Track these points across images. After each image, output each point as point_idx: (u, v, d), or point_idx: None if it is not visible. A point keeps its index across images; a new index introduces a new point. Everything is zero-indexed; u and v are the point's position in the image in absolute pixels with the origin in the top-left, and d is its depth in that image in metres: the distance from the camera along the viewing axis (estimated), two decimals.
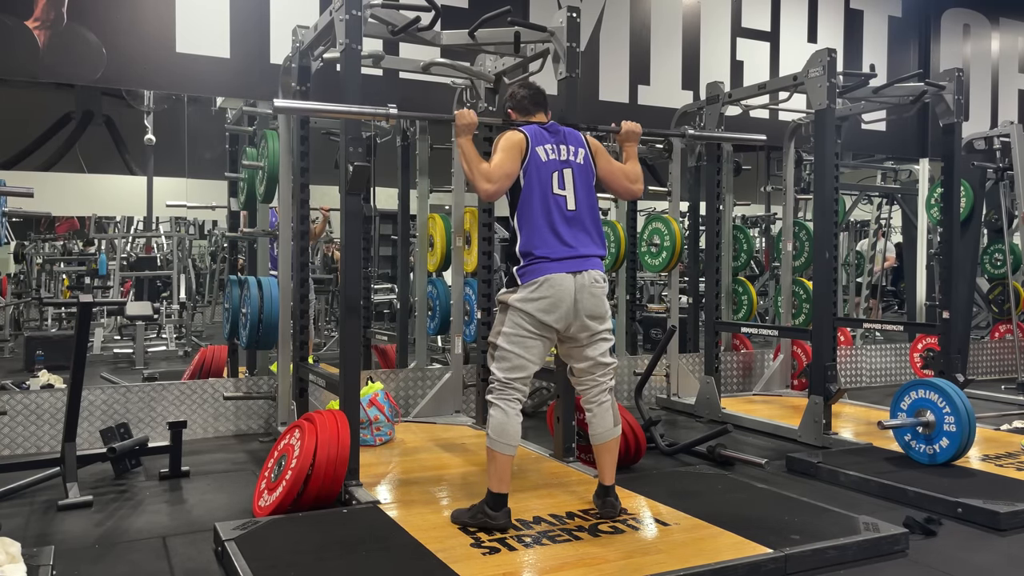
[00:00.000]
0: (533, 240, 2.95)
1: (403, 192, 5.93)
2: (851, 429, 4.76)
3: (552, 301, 2.91)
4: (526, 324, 2.92)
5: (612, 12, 6.17)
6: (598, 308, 3.00)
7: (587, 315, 2.98)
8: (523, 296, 2.93)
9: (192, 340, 7.51)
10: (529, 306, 2.91)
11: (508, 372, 2.94)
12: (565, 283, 2.92)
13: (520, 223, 3.00)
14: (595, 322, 3.01)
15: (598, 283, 3.01)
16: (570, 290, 2.92)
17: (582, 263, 2.97)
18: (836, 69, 4.48)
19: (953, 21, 7.72)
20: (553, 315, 2.92)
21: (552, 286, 2.91)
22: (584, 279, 2.96)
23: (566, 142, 3.11)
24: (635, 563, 2.57)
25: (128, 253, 8.18)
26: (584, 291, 2.95)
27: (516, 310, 2.93)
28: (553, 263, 2.93)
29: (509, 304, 2.95)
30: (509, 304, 2.95)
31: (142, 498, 3.45)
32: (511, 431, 2.90)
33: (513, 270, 2.99)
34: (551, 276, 2.91)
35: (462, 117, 3.07)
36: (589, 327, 3.00)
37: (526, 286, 2.93)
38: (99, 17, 4.56)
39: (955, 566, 2.74)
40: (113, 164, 5.71)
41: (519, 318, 2.93)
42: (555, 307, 2.91)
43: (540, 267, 2.93)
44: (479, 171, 2.97)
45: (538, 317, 2.91)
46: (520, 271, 2.96)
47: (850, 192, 8.32)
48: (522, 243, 2.97)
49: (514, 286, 2.97)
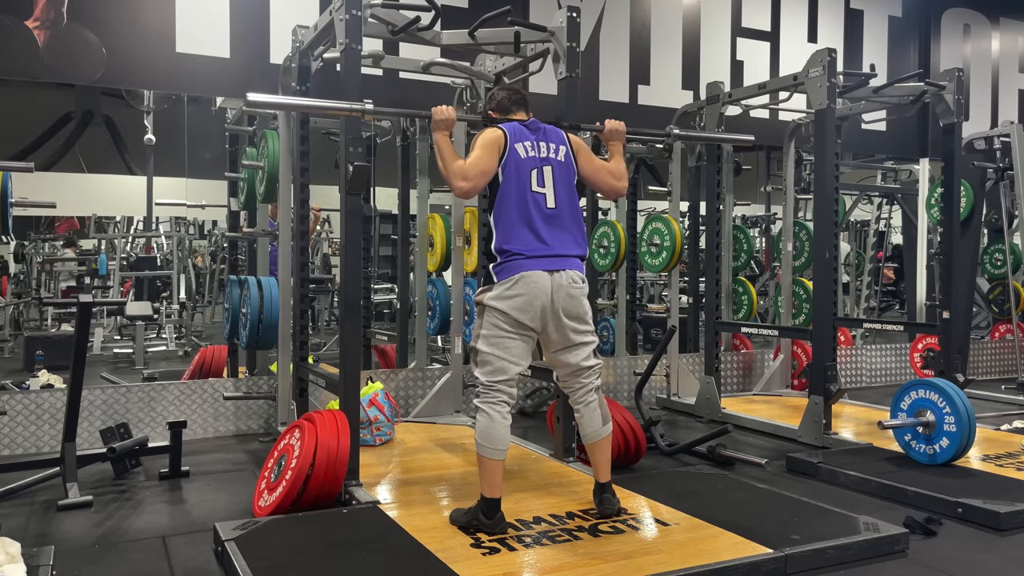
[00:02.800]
0: (509, 237, 2.89)
1: (403, 192, 5.93)
2: (851, 429, 4.76)
3: (527, 299, 2.84)
4: (502, 323, 2.86)
5: (612, 12, 6.17)
6: (576, 308, 2.93)
7: (565, 315, 2.90)
8: (498, 294, 2.87)
9: (192, 340, 7.51)
10: (504, 304, 2.84)
11: (490, 375, 2.87)
12: (541, 281, 2.85)
13: (496, 220, 2.93)
14: (573, 322, 2.93)
15: (576, 283, 2.93)
16: (546, 288, 2.85)
17: (560, 262, 2.90)
18: (836, 69, 4.48)
19: (953, 21, 7.72)
20: (528, 314, 2.85)
21: (528, 283, 2.84)
22: (562, 278, 2.88)
23: (547, 139, 3.04)
24: (635, 563, 2.57)
25: (128, 253, 8.18)
26: (561, 291, 2.88)
27: (492, 309, 2.87)
28: (529, 260, 2.86)
29: (485, 304, 2.89)
30: (485, 304, 2.89)
31: (142, 498, 3.45)
32: (497, 436, 2.83)
33: (489, 267, 2.93)
34: (526, 274, 2.84)
35: (439, 113, 3.02)
36: (567, 327, 2.92)
37: (501, 284, 2.86)
38: (99, 17, 4.56)
39: (955, 566, 2.73)
40: (113, 164, 5.72)
41: (495, 317, 2.86)
42: (530, 305, 2.84)
43: (515, 264, 2.86)
44: (454, 168, 2.91)
45: (513, 316, 2.84)
46: (496, 268, 2.90)
47: (850, 192, 8.33)
48: (497, 240, 2.90)
49: (490, 284, 2.92)
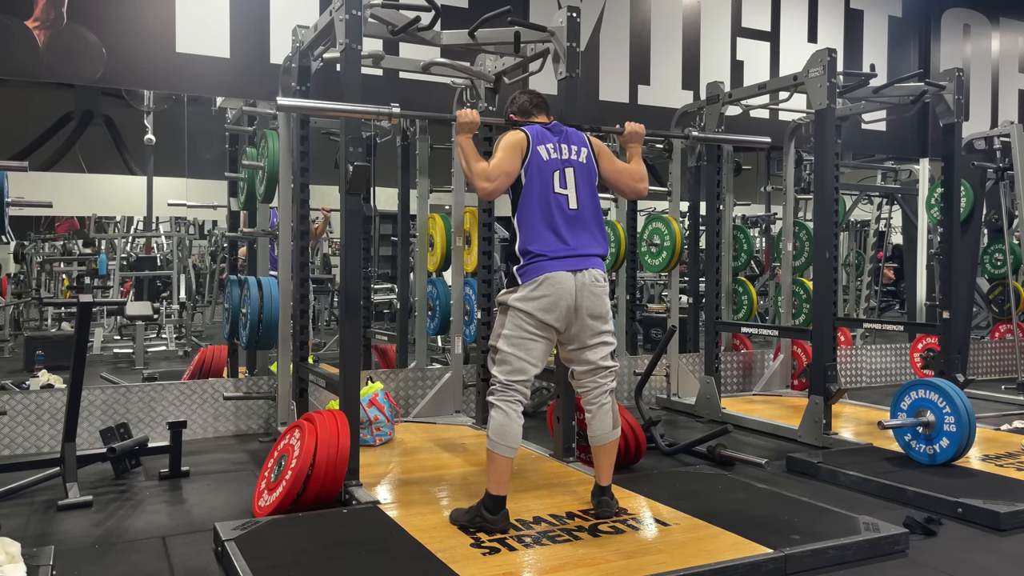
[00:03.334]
0: (532, 239, 2.94)
1: (403, 192, 5.93)
2: (851, 429, 4.76)
3: (552, 299, 2.88)
4: (526, 324, 2.90)
5: (612, 12, 6.17)
6: (599, 307, 2.98)
7: (588, 314, 2.95)
8: (523, 295, 2.91)
9: (192, 340, 7.51)
10: (529, 305, 2.89)
11: (509, 375, 2.91)
12: (565, 281, 2.90)
13: (520, 222, 2.98)
14: (596, 322, 2.98)
15: (599, 282, 2.98)
16: (570, 288, 2.90)
17: (582, 262, 2.95)
18: (836, 69, 4.48)
19: (953, 21, 7.71)
20: (553, 314, 2.89)
21: (552, 284, 2.89)
22: (585, 277, 2.93)
23: (568, 141, 3.09)
24: (635, 563, 2.57)
25: (128, 253, 8.18)
26: (585, 290, 2.92)
27: (516, 310, 2.91)
28: (553, 261, 2.91)
29: (509, 305, 2.93)
30: (509, 305, 2.93)
31: (142, 498, 3.45)
32: (512, 433, 2.87)
33: (513, 269, 2.97)
34: (551, 275, 2.89)
35: (464, 116, 3.06)
36: (590, 327, 2.97)
37: (526, 285, 2.91)
38: (99, 17, 4.56)
39: (955, 566, 2.73)
40: (113, 164, 5.71)
41: (519, 318, 2.90)
42: (555, 305, 2.89)
43: (540, 265, 2.91)
44: (477, 170, 2.96)
45: (538, 316, 2.88)
46: (520, 270, 2.94)
47: (850, 192, 8.33)
48: (521, 242, 2.95)
49: (514, 286, 2.95)
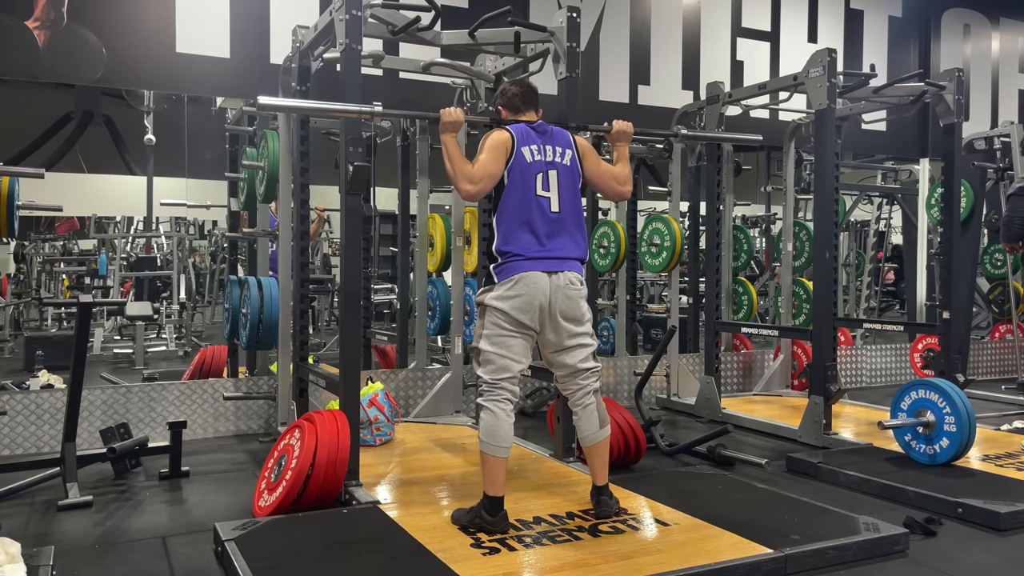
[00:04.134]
0: (510, 239, 2.93)
1: (403, 192, 5.93)
2: (851, 429, 4.76)
3: (526, 299, 2.88)
4: (503, 322, 2.90)
5: (612, 12, 6.17)
6: (573, 310, 2.97)
7: (562, 316, 2.94)
8: (499, 294, 2.91)
9: (192, 340, 7.51)
10: (505, 304, 2.89)
11: (494, 374, 2.91)
12: (540, 282, 2.90)
13: (499, 222, 2.97)
14: (571, 324, 2.98)
15: (574, 285, 2.97)
16: (544, 289, 2.90)
17: (559, 264, 2.95)
18: (836, 69, 4.48)
19: (953, 21, 7.72)
20: (528, 314, 2.89)
21: (527, 284, 2.89)
22: (560, 280, 2.93)
23: (553, 142, 3.07)
24: (635, 563, 2.57)
25: (128, 253, 8.18)
26: (559, 292, 2.92)
27: (493, 309, 2.91)
28: (529, 261, 2.91)
29: (486, 304, 2.94)
30: (486, 304, 2.94)
31: (142, 498, 3.45)
32: (501, 433, 2.86)
33: (490, 268, 2.98)
34: (526, 274, 2.89)
35: (447, 115, 3.04)
36: (565, 329, 2.96)
37: (501, 284, 2.91)
38: (99, 17, 4.56)
39: (955, 566, 2.73)
40: (113, 164, 5.71)
41: (496, 317, 2.91)
42: (529, 305, 2.89)
43: (515, 265, 2.91)
44: (462, 172, 2.94)
45: (513, 315, 2.89)
46: (496, 269, 2.94)
47: (850, 192, 8.32)
48: (499, 242, 2.95)
49: (491, 284, 2.96)
